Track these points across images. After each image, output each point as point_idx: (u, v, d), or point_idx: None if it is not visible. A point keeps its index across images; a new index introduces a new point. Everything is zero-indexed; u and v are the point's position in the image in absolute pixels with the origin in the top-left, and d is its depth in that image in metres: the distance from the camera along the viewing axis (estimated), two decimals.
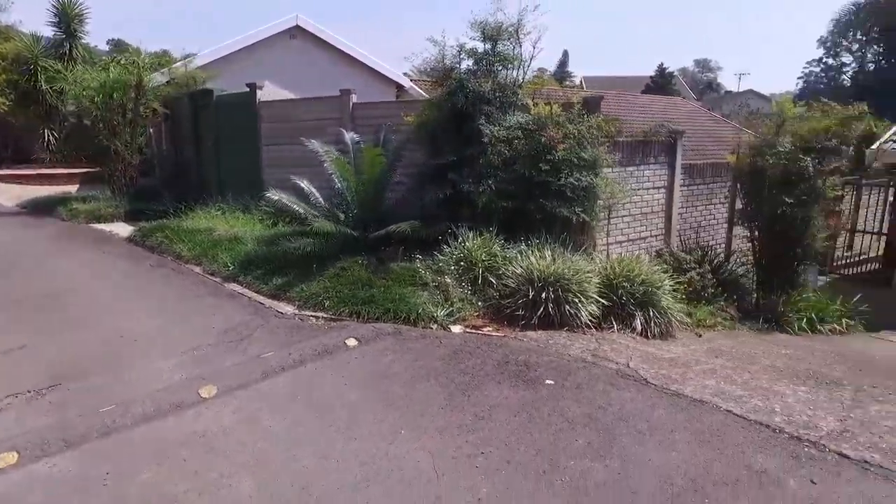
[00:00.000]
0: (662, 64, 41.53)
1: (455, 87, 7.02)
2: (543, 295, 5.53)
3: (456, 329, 5.51)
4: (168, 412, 3.85)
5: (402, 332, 5.34)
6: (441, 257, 6.35)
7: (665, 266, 6.84)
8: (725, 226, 9.58)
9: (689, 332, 6.18)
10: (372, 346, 5.03)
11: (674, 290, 6.33)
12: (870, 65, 37.05)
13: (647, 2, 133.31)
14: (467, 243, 6.35)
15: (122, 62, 11.71)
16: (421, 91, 13.49)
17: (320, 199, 7.31)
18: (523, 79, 7.46)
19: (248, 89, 10.00)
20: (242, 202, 9.56)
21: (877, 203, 10.73)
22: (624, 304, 5.84)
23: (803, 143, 7.38)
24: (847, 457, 3.37)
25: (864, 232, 10.88)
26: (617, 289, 5.91)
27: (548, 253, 6.05)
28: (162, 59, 14.05)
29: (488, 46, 7.29)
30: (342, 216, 7.18)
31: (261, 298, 6.24)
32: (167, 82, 11.90)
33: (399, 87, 13.96)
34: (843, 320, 7.21)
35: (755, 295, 7.75)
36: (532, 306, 5.54)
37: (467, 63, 7.43)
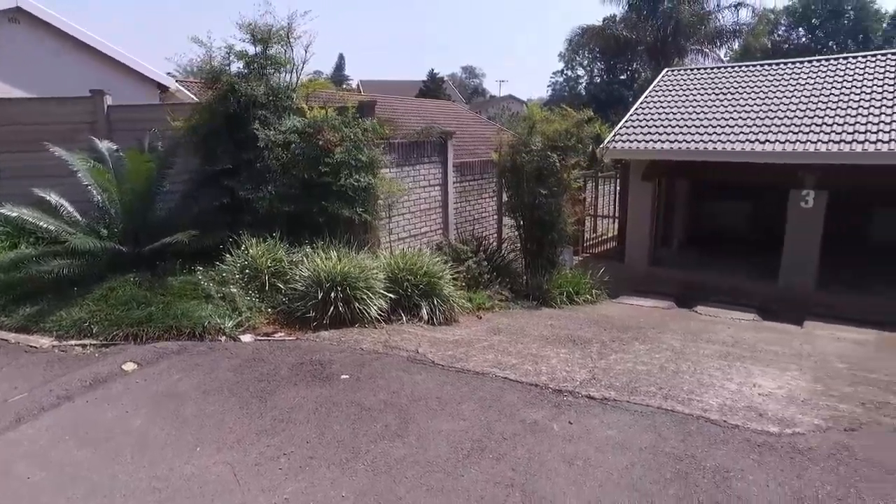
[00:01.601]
0: (433, 70, 43.99)
1: (226, 91, 6.77)
2: (333, 295, 5.63)
3: (246, 338, 5.36)
4: None
5: (187, 348, 5.03)
6: (224, 267, 6.09)
7: (445, 257, 7.40)
8: (496, 217, 10.64)
9: (471, 316, 6.80)
10: (155, 367, 4.66)
11: (454, 279, 6.89)
12: (597, 78, 43.94)
13: (416, 11, 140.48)
14: (251, 250, 6.19)
15: None
16: (189, 93, 12.55)
17: (76, 213, 6.47)
18: (297, 82, 7.45)
19: None
20: None
21: (610, 192, 12.92)
22: (410, 296, 6.22)
23: (550, 143, 8.56)
24: (594, 398, 4.13)
25: (603, 216, 13.03)
26: (402, 282, 6.25)
27: (333, 254, 6.16)
28: None
29: (259, 49, 7.14)
30: (105, 231, 6.45)
31: (3, 334, 5.33)
32: None
33: (163, 88, 12.75)
34: (593, 291, 8.55)
35: (524, 277, 8.74)
36: (322, 307, 5.61)
37: (238, 66, 7.19)
